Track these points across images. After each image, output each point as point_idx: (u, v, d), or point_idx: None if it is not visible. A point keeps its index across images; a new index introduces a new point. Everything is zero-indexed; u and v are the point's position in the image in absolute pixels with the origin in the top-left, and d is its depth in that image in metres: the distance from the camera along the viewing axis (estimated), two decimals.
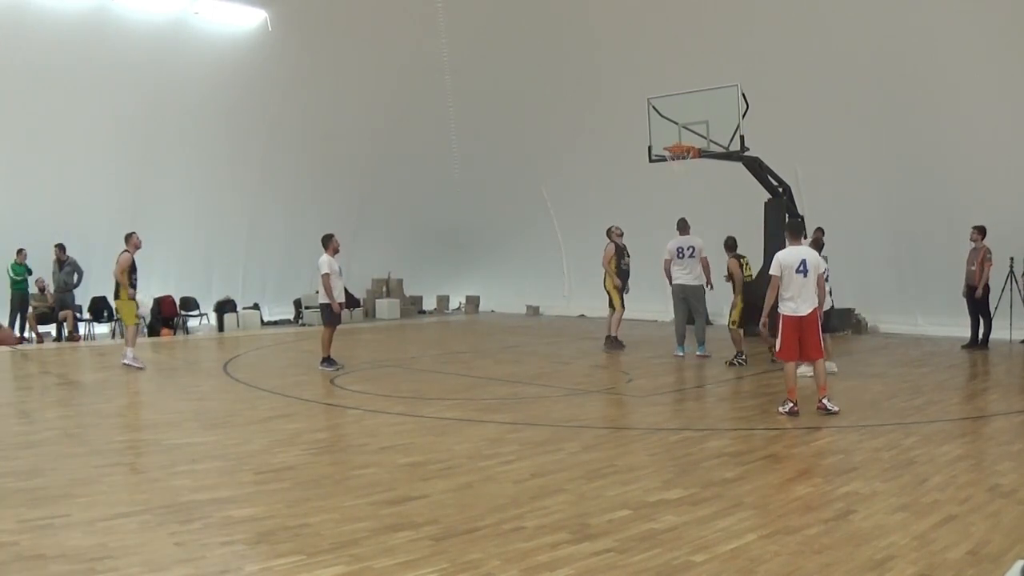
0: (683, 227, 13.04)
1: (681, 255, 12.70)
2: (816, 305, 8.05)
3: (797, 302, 8.01)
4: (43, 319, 16.16)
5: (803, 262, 8.06)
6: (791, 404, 8.02)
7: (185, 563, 4.36)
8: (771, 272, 8.26)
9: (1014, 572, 3.95)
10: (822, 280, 8.23)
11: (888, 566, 4.19)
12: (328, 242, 11.78)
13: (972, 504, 5.17)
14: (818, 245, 10.52)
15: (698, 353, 12.52)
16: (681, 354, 12.61)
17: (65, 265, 16.09)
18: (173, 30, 16.39)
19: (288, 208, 19.39)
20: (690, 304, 12.73)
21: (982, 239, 12.86)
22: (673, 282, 12.87)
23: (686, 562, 4.30)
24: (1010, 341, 13.50)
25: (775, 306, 8.23)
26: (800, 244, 8.45)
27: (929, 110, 14.02)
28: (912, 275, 14.91)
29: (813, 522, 4.89)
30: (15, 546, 4.58)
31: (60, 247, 15.97)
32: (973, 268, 12.86)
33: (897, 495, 5.40)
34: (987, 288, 12.87)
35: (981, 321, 13.16)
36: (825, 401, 8.02)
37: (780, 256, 8.25)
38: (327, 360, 11.66)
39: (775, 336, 8.26)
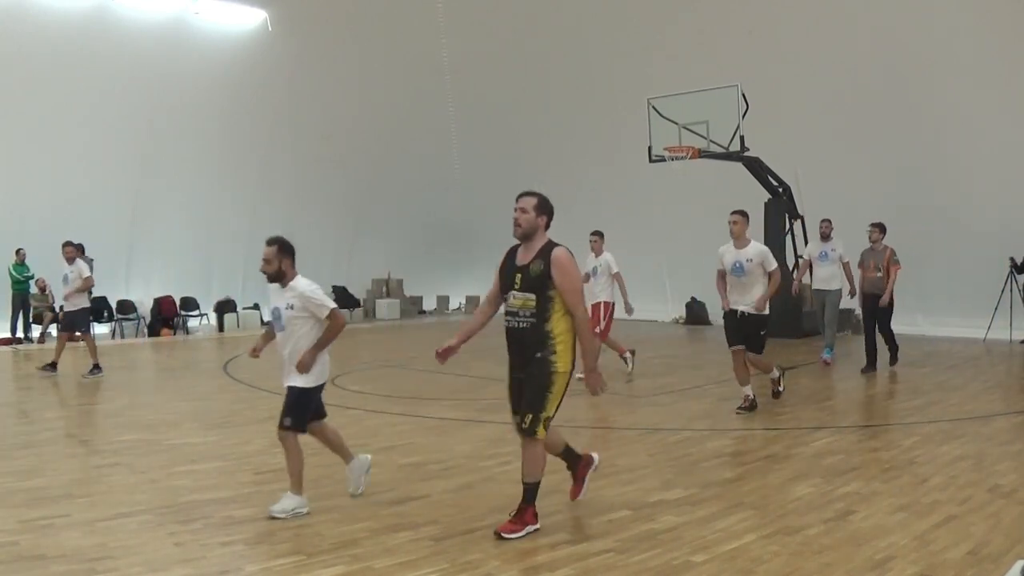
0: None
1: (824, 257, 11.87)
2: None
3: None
4: (43, 319, 16.14)
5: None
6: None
7: (185, 563, 4.36)
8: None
9: (1014, 572, 3.95)
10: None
11: (888, 566, 4.19)
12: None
13: (972, 504, 5.17)
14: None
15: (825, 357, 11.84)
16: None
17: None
18: (173, 30, 16.38)
19: (288, 208, 19.36)
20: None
21: (883, 237, 10.99)
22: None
23: (686, 562, 4.30)
24: (1010, 341, 13.50)
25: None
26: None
27: (929, 110, 14.02)
28: (911, 275, 14.86)
29: (813, 522, 4.89)
30: (15, 546, 4.58)
31: (79, 247, 15.93)
32: (880, 274, 10.70)
33: (897, 495, 5.40)
34: (891, 300, 10.83)
35: (882, 338, 10.97)
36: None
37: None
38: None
39: None
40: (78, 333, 11.70)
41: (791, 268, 15.16)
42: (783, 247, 15.01)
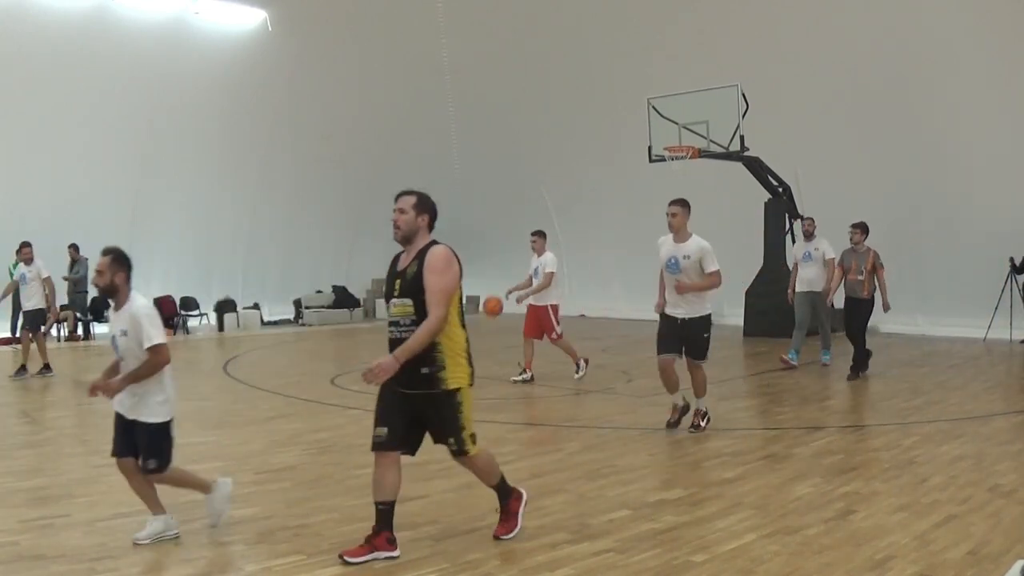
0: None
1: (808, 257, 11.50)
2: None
3: None
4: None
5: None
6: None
7: (185, 563, 4.37)
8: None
9: (1014, 572, 3.96)
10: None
11: (888, 566, 4.19)
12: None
13: (972, 504, 5.17)
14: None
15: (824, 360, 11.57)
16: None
17: (78, 265, 16.08)
18: (173, 30, 16.37)
19: (288, 208, 19.39)
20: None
21: (864, 239, 10.46)
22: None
23: (686, 562, 4.30)
24: (1010, 341, 13.49)
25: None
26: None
27: (929, 110, 14.01)
28: (911, 275, 14.91)
29: (813, 522, 4.89)
30: (15, 546, 4.58)
31: (74, 247, 15.97)
32: (861, 278, 10.31)
33: (897, 495, 5.40)
34: (872, 303, 10.44)
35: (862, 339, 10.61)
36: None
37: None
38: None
39: None
40: (19, 333, 11.65)
41: (791, 269, 15.17)
42: (783, 247, 14.99)
